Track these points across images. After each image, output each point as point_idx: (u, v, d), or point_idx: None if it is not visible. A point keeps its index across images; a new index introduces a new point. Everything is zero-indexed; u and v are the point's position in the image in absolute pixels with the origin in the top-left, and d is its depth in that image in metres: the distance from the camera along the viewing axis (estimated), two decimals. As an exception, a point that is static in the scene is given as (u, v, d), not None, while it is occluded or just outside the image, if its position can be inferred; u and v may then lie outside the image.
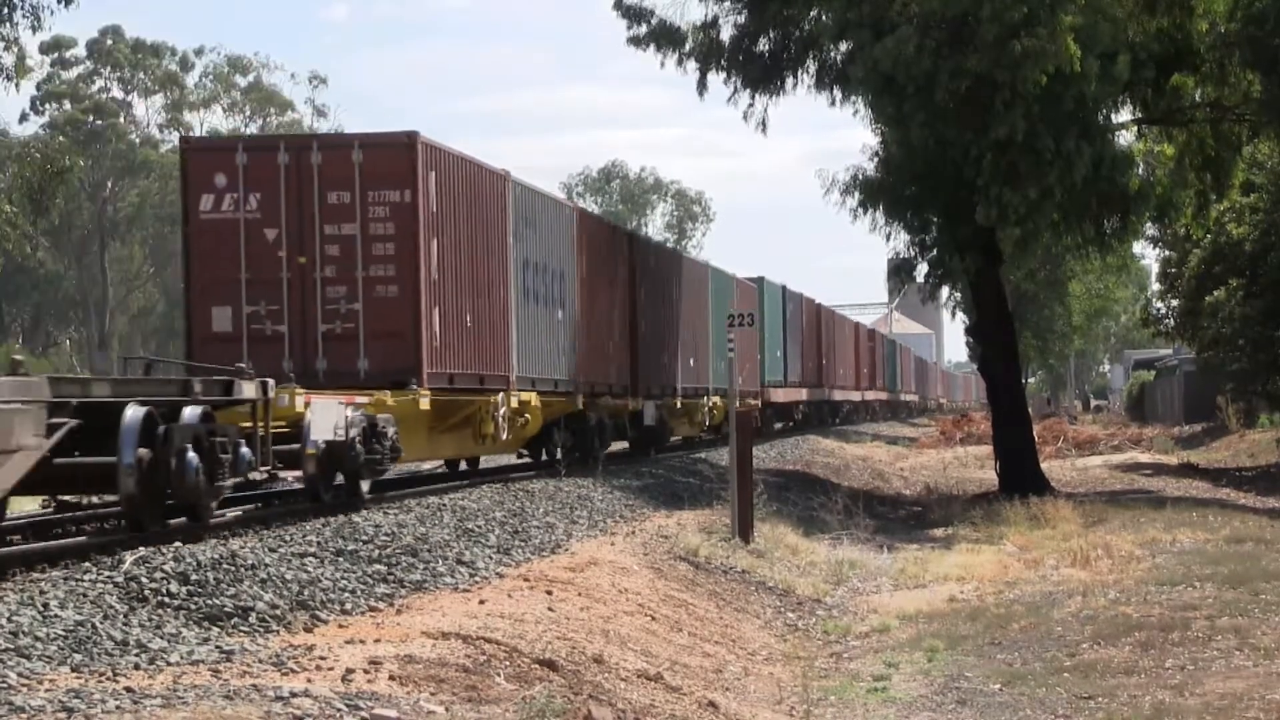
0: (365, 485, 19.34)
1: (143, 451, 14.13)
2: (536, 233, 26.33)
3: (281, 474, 18.09)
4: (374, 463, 19.40)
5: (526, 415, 25.26)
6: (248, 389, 16.84)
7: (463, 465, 27.36)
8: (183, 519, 15.53)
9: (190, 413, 15.26)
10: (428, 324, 21.26)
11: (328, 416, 18.15)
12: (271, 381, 17.44)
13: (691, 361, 36.65)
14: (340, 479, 18.95)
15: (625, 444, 33.80)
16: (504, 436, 24.34)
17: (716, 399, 37.89)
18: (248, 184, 21.13)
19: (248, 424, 16.84)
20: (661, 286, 35.21)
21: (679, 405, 36.07)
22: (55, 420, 13.06)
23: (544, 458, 27.98)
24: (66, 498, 15.91)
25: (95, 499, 16.45)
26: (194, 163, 21.80)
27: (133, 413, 14.17)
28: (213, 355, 19.56)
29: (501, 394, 24.06)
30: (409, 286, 20.98)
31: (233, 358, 18.77)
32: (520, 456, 28.74)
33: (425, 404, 21.06)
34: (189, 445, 14.91)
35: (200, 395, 15.85)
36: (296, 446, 17.70)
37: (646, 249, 35.25)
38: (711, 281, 40.21)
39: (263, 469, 16.79)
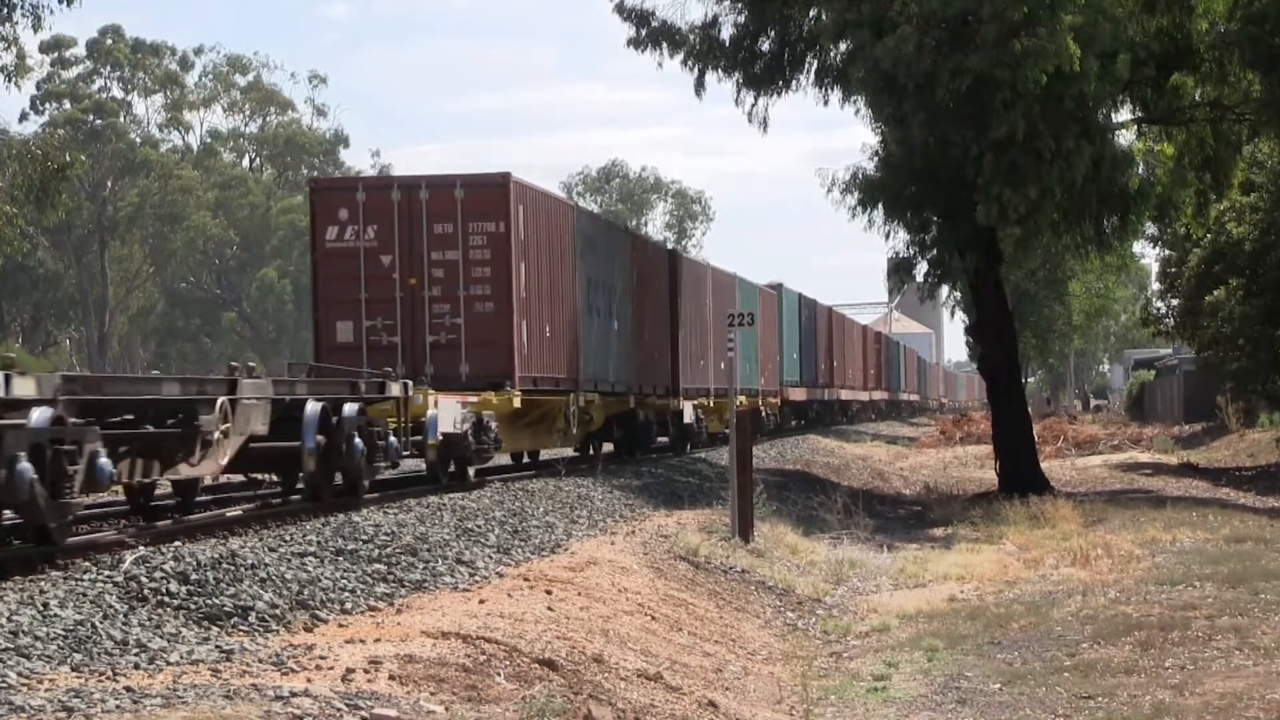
0: (472, 471, 22.72)
1: (320, 438, 17.46)
2: (597, 254, 29.88)
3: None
4: (481, 451, 22.76)
5: (591, 413, 29.06)
6: (394, 389, 20.50)
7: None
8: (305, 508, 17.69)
9: (350, 407, 18.48)
10: (518, 335, 24.81)
11: (448, 413, 21.52)
12: (411, 383, 21.15)
13: (722, 365, 37.63)
14: (452, 465, 22.27)
15: (665, 439, 36.43)
16: (574, 431, 28.27)
17: (742, 398, 39.73)
18: (366, 218, 24.69)
19: (392, 418, 20.18)
20: (696, 296, 38.43)
21: (711, 404, 38.93)
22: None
23: (591, 451, 31.48)
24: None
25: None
26: (320, 200, 25.53)
27: (313, 407, 17.50)
28: (337, 362, 22.96)
29: (572, 394, 27.65)
30: (503, 303, 24.53)
31: (354, 364, 22.41)
32: (576, 451, 31.19)
33: (517, 402, 24.68)
34: (355, 433, 18.30)
35: (362, 394, 19.45)
36: (420, 437, 20.87)
37: (684, 264, 38.18)
38: (738, 290, 42.84)
39: (404, 454, 20.32)
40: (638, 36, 33.98)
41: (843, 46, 31.05)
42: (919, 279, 36.39)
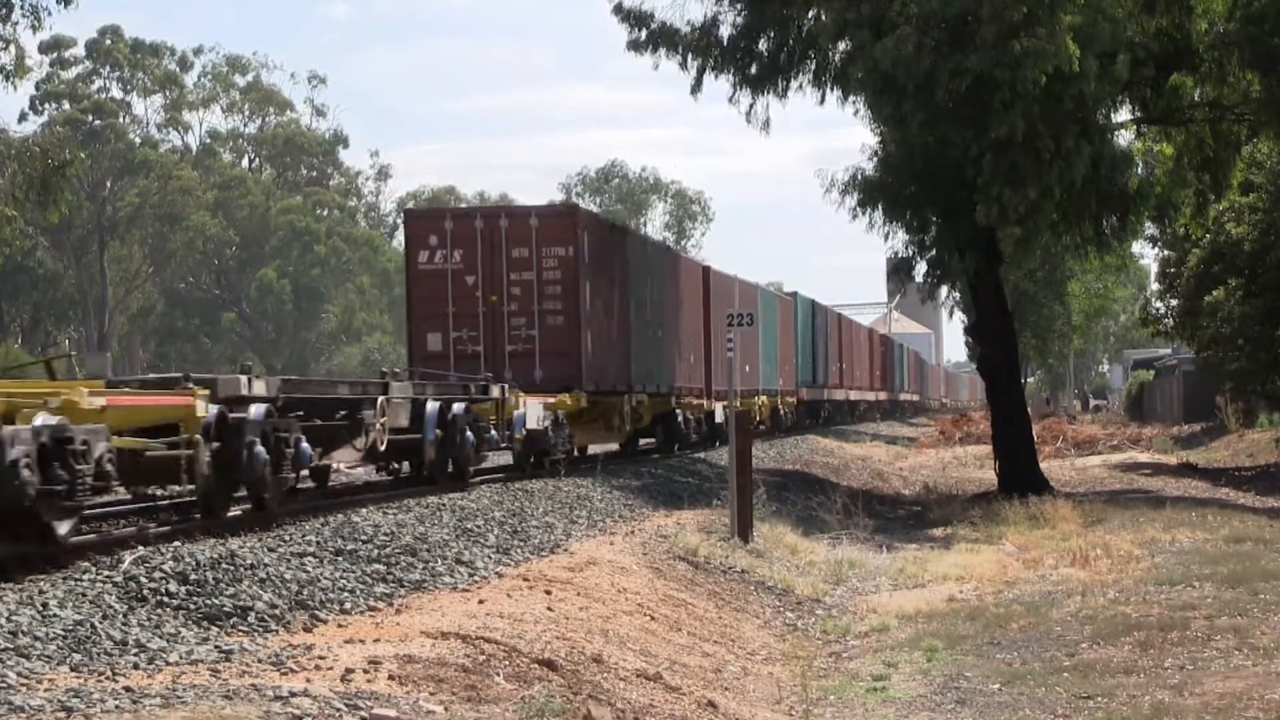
0: (546, 461, 25.61)
1: (438, 431, 20.76)
2: (644, 271, 33.43)
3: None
4: (558, 444, 26.04)
5: (640, 412, 32.52)
6: (495, 390, 23.90)
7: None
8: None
9: (459, 406, 21.74)
10: (584, 345, 28.34)
11: (533, 412, 24.73)
12: (507, 385, 24.40)
13: (747, 368, 42.02)
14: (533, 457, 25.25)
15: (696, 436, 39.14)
16: (626, 428, 32.03)
17: (763, 398, 45.66)
18: (453, 243, 28.10)
19: (491, 416, 23.51)
20: (725, 306, 39.18)
21: (738, 404, 38.69)
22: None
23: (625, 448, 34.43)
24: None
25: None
26: (413, 228, 29.47)
27: (433, 405, 20.91)
28: (428, 368, 26.24)
29: (625, 396, 31.21)
30: (572, 318, 28.10)
31: (443, 370, 25.69)
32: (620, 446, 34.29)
33: (584, 403, 28.20)
34: (465, 428, 21.70)
35: (471, 395, 23.00)
36: (508, 432, 24.04)
37: (714, 277, 41.12)
38: (760, 299, 46.08)
39: (502, 447, 23.94)
40: (637, 39, 33.97)
41: (842, 47, 31.04)
42: (919, 279, 36.41)
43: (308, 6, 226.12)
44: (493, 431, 23.16)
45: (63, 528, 12.82)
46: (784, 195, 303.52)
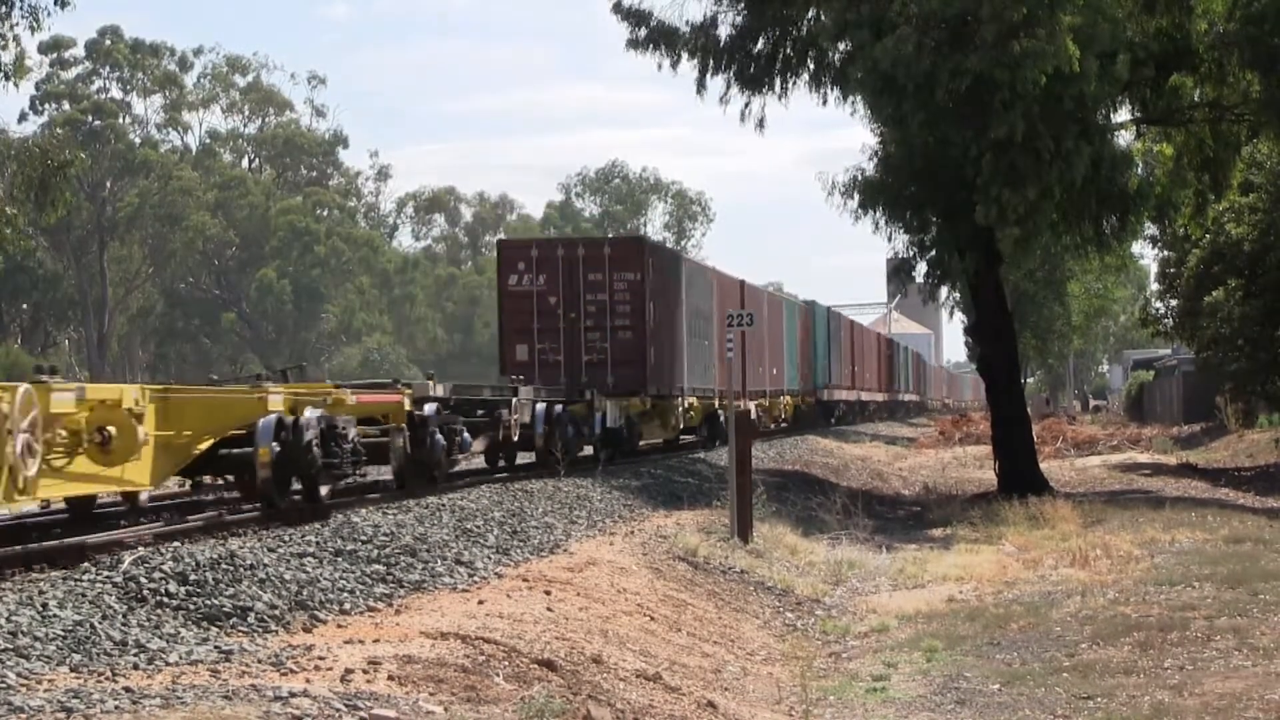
0: (617, 453, 30.62)
1: (546, 426, 25.72)
2: (694, 290, 37.66)
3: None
4: (631, 440, 32.32)
5: (692, 412, 37.20)
6: (587, 395, 29.07)
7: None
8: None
9: (559, 406, 26.93)
10: (648, 356, 32.40)
11: (611, 412, 30.42)
12: (597, 390, 29.57)
13: (775, 370, 48.38)
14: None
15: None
16: (680, 425, 36.71)
17: (787, 398, 51.19)
18: (538, 268, 31.98)
19: (585, 414, 28.73)
20: (757, 316, 42.99)
21: (767, 403, 47.56)
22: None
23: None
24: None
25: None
26: (505, 254, 33.71)
27: (542, 405, 25.90)
28: (519, 372, 30.30)
29: (679, 398, 35.51)
30: (638, 332, 32.05)
31: (529, 377, 29.20)
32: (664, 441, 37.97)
33: (648, 405, 33.03)
34: (567, 424, 27.03)
35: (573, 397, 28.47)
36: (588, 428, 28.95)
37: (748, 290, 45.23)
38: (785, 309, 51.85)
39: (591, 439, 28.94)
40: (635, 37, 33.99)
41: (842, 47, 31.04)
42: (919, 280, 36.42)
43: (308, 7, 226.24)
44: (585, 427, 28.54)
45: (324, 490, 17.41)
46: (784, 195, 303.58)
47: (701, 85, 34.02)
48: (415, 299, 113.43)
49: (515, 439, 24.93)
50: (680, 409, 35.82)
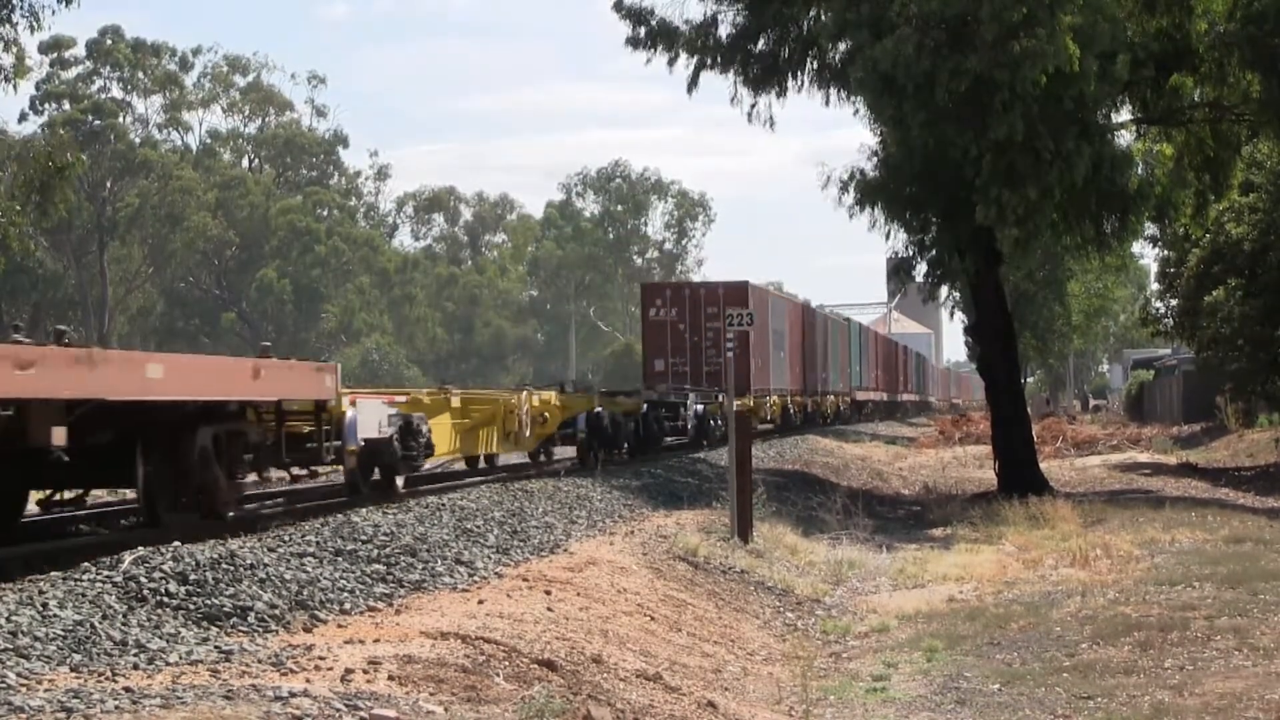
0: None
1: (695, 420, 36.08)
2: (776, 314, 49.09)
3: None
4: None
5: (774, 407, 48.72)
6: (720, 396, 36.95)
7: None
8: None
9: (701, 405, 36.94)
10: (751, 367, 42.46)
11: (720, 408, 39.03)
12: (723, 393, 34.75)
13: (824, 374, 60.60)
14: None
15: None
16: (769, 417, 47.96)
17: (832, 396, 63.50)
18: (671, 304, 43.31)
19: (715, 410, 38.06)
20: (812, 330, 57.94)
21: (820, 399, 60.25)
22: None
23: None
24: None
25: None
26: (646, 294, 45.77)
27: (701, 405, 36.77)
28: (655, 383, 39.78)
29: (769, 397, 47.33)
30: (743, 350, 39.18)
31: (663, 385, 39.07)
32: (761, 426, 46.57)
33: (751, 403, 41.56)
34: (708, 418, 37.42)
35: (713, 399, 38.27)
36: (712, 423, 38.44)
37: (807, 310, 57.94)
38: (830, 324, 63.83)
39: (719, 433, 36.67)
40: (636, 35, 34.00)
41: (842, 47, 31.04)
42: (919, 279, 36.42)
43: (307, 6, 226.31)
44: (715, 421, 37.74)
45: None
46: (783, 195, 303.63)
47: (694, 83, 34.06)
48: (415, 299, 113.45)
49: (689, 429, 36.23)
50: (767, 404, 47.41)
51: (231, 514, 16.31)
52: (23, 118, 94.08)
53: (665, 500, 25.33)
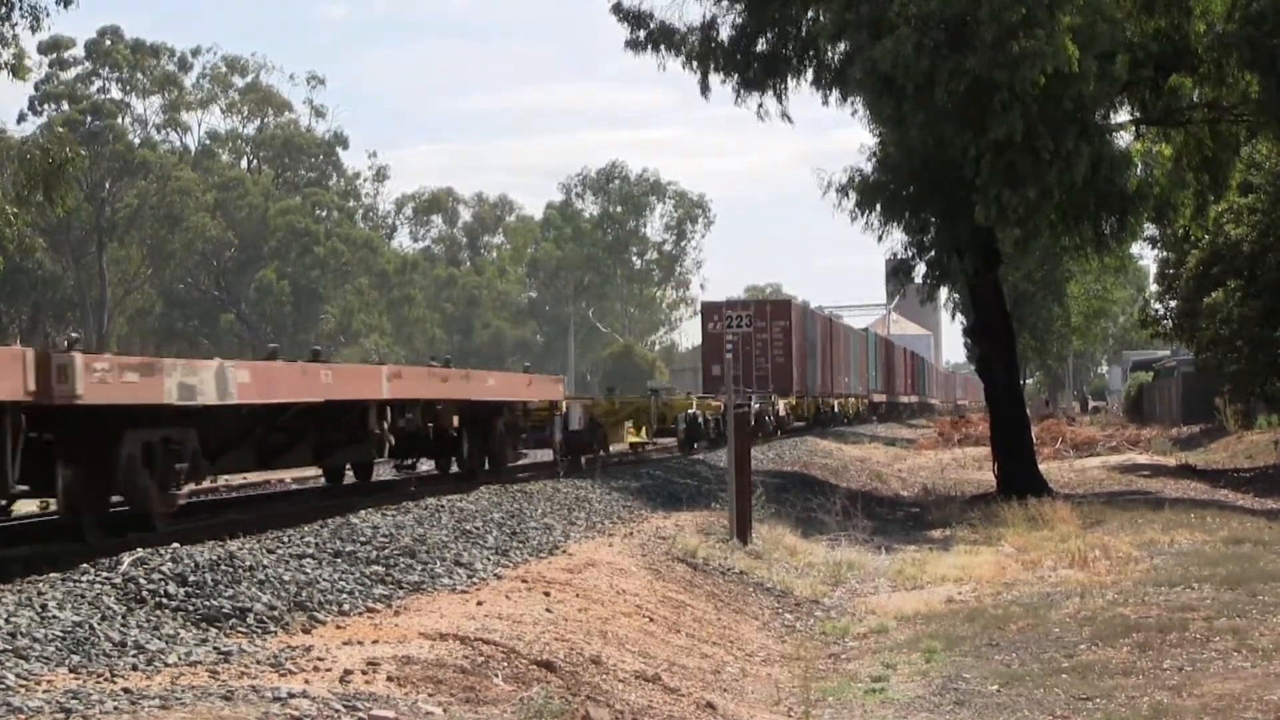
0: (782, 432, 48.49)
1: (753, 417, 36.33)
2: (810, 325, 56.48)
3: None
4: (789, 423, 50.12)
5: (810, 406, 56.58)
6: (773, 396, 46.08)
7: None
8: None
9: (758, 404, 40.42)
10: (793, 372, 51.31)
11: (781, 408, 48.08)
12: (776, 393, 47.08)
13: (845, 379, 68.05)
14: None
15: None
16: (807, 414, 55.70)
17: (854, 399, 71.54)
18: (726, 319, 50.87)
19: (768, 408, 44.94)
20: (834, 340, 64.78)
21: (844, 401, 68.44)
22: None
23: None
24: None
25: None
26: (706, 310, 52.76)
27: (753, 402, 39.65)
28: (712, 387, 45.77)
29: (806, 398, 54.96)
30: (787, 357, 50.69)
31: (720, 388, 42.31)
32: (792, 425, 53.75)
33: (794, 402, 51.53)
34: (766, 415, 44.14)
35: (767, 398, 45.81)
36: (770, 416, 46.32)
37: (835, 325, 66.46)
38: (851, 335, 71.92)
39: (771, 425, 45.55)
40: (635, 38, 34.01)
41: (841, 47, 31.04)
42: (918, 280, 36.41)
43: (306, 7, 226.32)
44: (773, 419, 46.05)
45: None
46: (782, 196, 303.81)
47: (705, 87, 34.06)
48: (414, 300, 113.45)
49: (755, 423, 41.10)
50: (805, 404, 54.98)
51: (510, 464, 25.38)
52: (21, 118, 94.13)
53: (664, 501, 25.33)
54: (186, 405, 14.27)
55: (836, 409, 65.44)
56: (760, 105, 34.33)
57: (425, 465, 25.58)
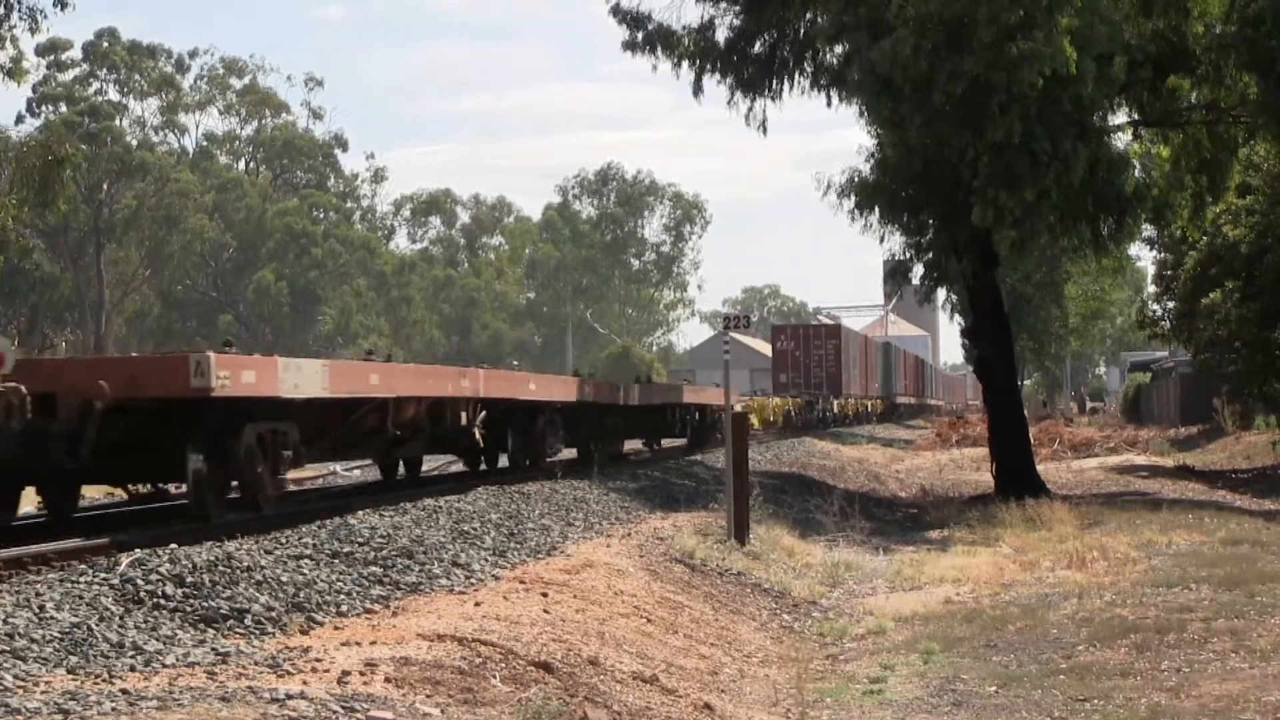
0: (828, 425, 66.27)
1: (818, 412, 64.88)
2: (851, 343, 72.35)
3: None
4: (841, 420, 69.77)
5: (853, 407, 72.46)
6: (830, 397, 68.04)
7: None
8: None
9: (820, 404, 66.40)
10: (841, 378, 69.28)
11: (833, 405, 68.09)
12: (828, 395, 68.18)
13: (873, 384, 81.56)
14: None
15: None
16: (850, 413, 70.54)
17: (878, 400, 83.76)
18: (790, 339, 70.29)
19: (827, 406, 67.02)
20: (860, 352, 76.76)
21: (870, 403, 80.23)
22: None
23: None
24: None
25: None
26: (775, 331, 74.75)
27: (822, 404, 66.56)
28: (779, 390, 64.64)
29: (850, 399, 71.27)
30: (836, 366, 68.66)
31: (787, 393, 63.09)
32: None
33: (843, 401, 70.10)
34: (825, 412, 66.58)
35: (827, 399, 67.88)
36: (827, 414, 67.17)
37: (870, 340, 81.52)
38: (879, 347, 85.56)
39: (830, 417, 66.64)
40: (633, 39, 34.02)
41: (839, 49, 31.05)
42: (916, 282, 36.41)
43: (303, 8, 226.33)
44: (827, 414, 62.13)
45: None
46: (779, 196, 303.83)
47: (699, 88, 34.06)
48: (412, 301, 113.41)
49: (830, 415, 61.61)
50: (850, 404, 70.93)
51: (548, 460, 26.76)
52: (19, 120, 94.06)
53: (662, 502, 25.33)
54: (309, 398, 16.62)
55: (869, 408, 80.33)
56: (750, 109, 34.33)
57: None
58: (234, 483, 16.32)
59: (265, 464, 16.36)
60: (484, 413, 22.84)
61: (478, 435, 22.82)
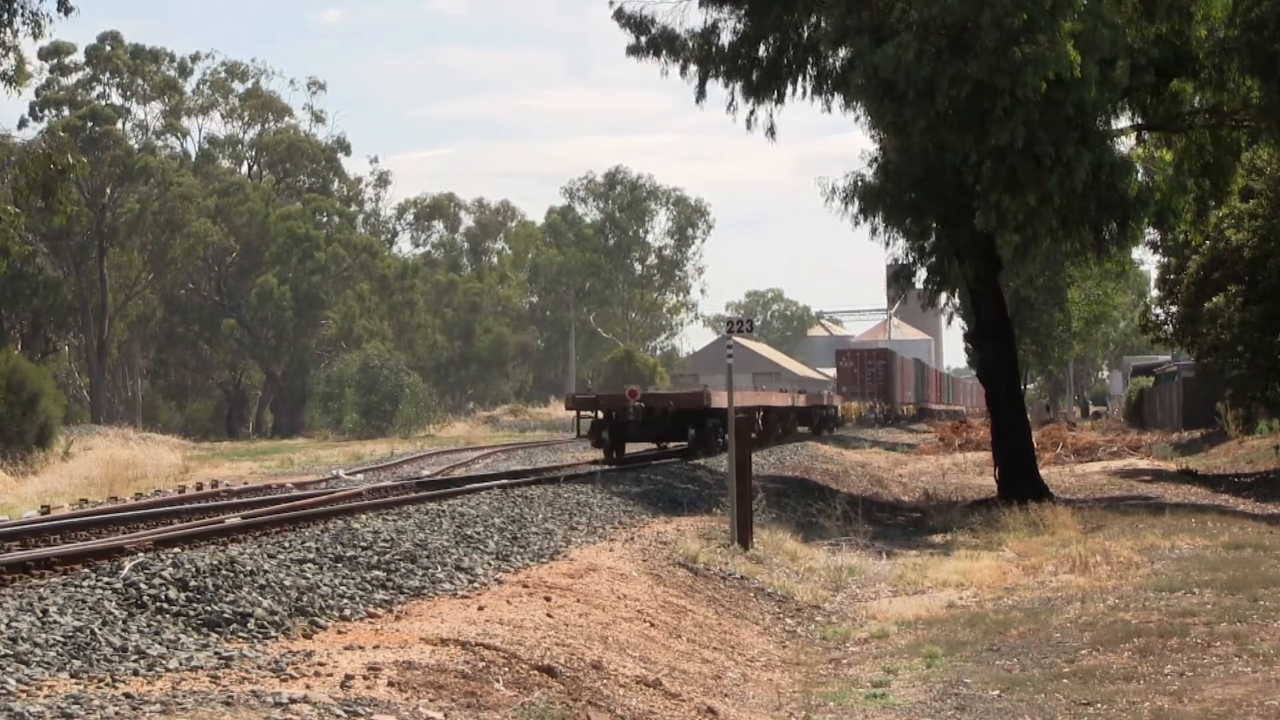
0: (879, 424, 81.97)
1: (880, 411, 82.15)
2: (895, 361, 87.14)
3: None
4: (891, 419, 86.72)
5: (894, 409, 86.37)
6: (884, 401, 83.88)
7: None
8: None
9: (879, 407, 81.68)
10: (892, 386, 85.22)
11: (881, 409, 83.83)
12: (880, 399, 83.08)
13: (908, 393, 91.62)
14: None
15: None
16: (898, 415, 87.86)
17: (910, 405, 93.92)
18: (850, 358, 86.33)
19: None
20: (889, 366, 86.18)
21: (912, 406, 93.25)
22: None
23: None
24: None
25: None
26: (838, 354, 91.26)
27: (882, 406, 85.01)
28: (844, 398, 75.64)
29: (894, 404, 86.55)
30: (886, 377, 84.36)
31: (850, 398, 77.87)
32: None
33: (890, 406, 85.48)
34: (877, 412, 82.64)
35: (880, 405, 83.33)
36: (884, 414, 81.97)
37: (901, 357, 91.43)
38: (910, 362, 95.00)
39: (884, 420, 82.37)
40: (637, 44, 34.01)
41: (842, 53, 31.04)
42: (918, 286, 36.38)
43: (305, 12, 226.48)
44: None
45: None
46: (781, 201, 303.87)
47: (702, 93, 34.05)
48: (415, 305, 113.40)
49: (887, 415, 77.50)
50: (894, 407, 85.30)
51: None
52: (22, 124, 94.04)
53: (665, 507, 25.33)
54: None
55: (905, 412, 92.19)
56: (752, 114, 34.30)
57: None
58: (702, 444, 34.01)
59: (717, 438, 34.19)
60: (761, 413, 40.92)
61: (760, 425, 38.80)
